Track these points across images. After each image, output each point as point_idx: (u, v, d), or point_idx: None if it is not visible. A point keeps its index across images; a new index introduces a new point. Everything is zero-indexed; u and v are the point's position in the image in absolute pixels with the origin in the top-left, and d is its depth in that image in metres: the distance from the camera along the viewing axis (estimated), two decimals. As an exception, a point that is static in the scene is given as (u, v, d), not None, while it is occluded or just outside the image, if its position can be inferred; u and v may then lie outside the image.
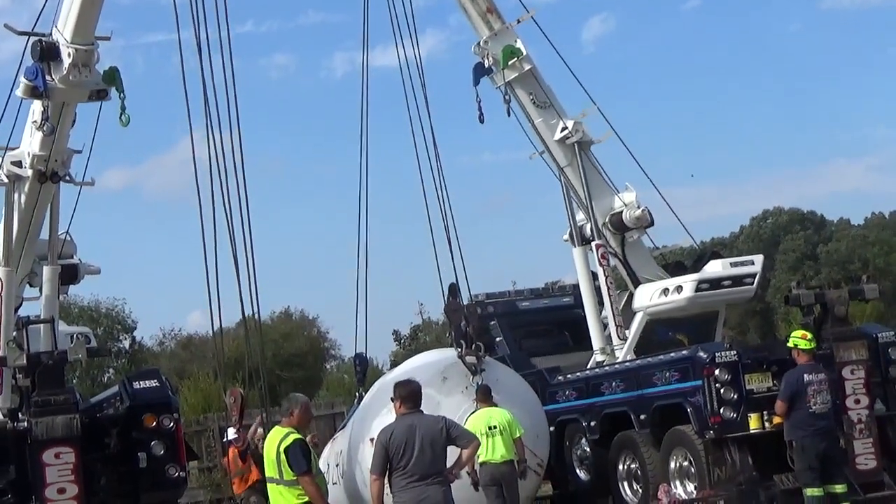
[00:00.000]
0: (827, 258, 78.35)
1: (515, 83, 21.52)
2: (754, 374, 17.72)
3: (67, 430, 16.27)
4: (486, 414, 17.19)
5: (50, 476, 16.11)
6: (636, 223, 21.53)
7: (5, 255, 18.93)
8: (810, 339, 16.49)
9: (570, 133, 21.55)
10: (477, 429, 16.68)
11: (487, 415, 17.17)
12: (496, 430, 16.94)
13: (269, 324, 59.53)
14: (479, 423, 16.96)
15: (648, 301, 21.12)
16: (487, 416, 17.14)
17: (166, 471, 17.34)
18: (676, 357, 18.66)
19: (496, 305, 24.36)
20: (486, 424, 16.94)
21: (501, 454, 16.92)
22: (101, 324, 62.60)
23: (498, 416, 17.16)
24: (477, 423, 16.94)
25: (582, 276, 22.19)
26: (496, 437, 16.91)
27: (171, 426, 17.56)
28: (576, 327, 23.61)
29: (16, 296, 19.33)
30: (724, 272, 20.94)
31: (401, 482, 11.74)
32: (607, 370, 20.53)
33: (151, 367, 48.56)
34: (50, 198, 18.91)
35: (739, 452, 17.52)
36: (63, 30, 17.30)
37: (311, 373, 65.63)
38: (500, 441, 16.91)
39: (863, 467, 17.55)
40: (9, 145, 18.78)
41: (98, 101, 17.89)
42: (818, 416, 15.95)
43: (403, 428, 11.85)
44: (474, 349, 18.12)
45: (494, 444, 16.88)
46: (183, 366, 57.21)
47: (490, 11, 21.48)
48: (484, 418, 17.08)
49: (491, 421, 17.03)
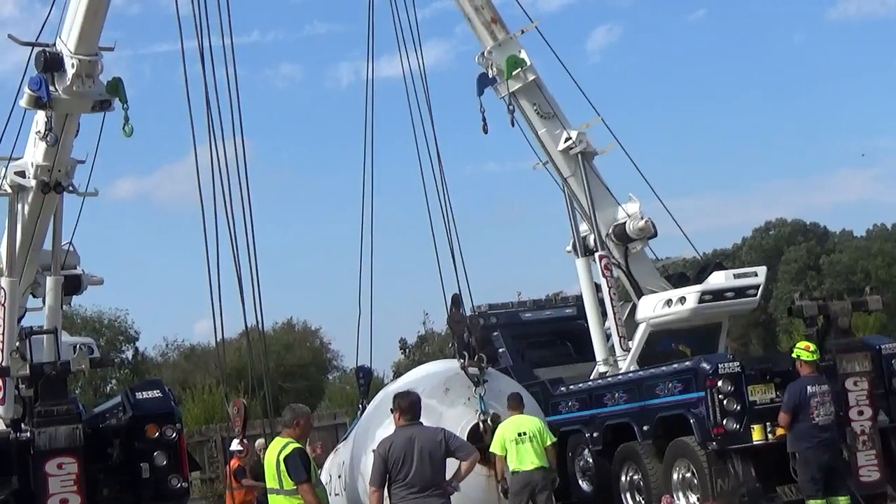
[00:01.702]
0: (830, 269, 78.33)
1: (519, 93, 21.52)
2: (757, 386, 17.69)
3: (70, 440, 16.30)
4: (516, 421, 17.04)
5: (52, 486, 16.14)
6: (639, 234, 21.51)
7: (8, 265, 18.94)
8: (814, 350, 16.46)
9: (573, 143, 21.55)
10: (507, 436, 16.72)
11: (517, 422, 17.02)
12: (526, 436, 16.78)
13: (272, 334, 59.54)
14: (510, 430, 16.86)
15: (652, 312, 21.11)
16: (518, 423, 17.00)
17: (169, 481, 17.38)
18: (679, 368, 18.64)
19: (499, 316, 24.38)
20: (516, 431, 16.82)
21: (532, 461, 16.71)
22: (104, 334, 62.65)
23: (528, 423, 17.03)
24: (507, 430, 16.86)
25: (585, 286, 22.18)
26: (526, 444, 16.74)
27: (173, 437, 17.59)
28: (578, 338, 23.60)
29: (19, 306, 19.33)
30: (728, 283, 20.93)
31: (400, 494, 11.73)
32: (610, 381, 20.52)
33: (154, 377, 48.67)
34: (53, 208, 18.92)
35: (742, 464, 17.50)
36: (67, 41, 17.32)
37: (314, 383, 65.69)
38: (531, 448, 16.73)
39: (866, 479, 17.51)
40: (12, 155, 18.79)
41: (101, 111, 17.90)
42: (821, 428, 15.92)
43: (403, 440, 11.84)
44: (477, 360, 18.07)
45: (524, 451, 16.70)
46: (185, 376, 57.24)
47: (494, 22, 21.49)
48: (514, 425, 16.94)
49: (521, 427, 16.89)
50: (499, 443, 16.82)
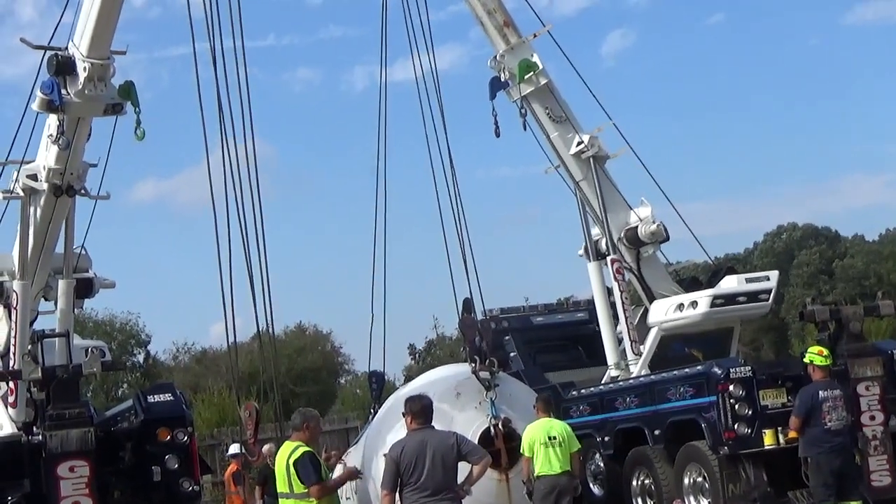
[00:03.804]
0: (842, 274, 78.18)
1: (531, 97, 21.53)
2: (769, 390, 17.64)
3: (82, 443, 16.31)
4: (546, 424, 16.95)
5: (64, 489, 16.15)
6: (651, 238, 21.50)
7: (21, 268, 18.98)
8: (826, 355, 16.39)
9: (585, 147, 21.55)
10: (536, 438, 16.65)
11: (548, 425, 16.94)
12: (556, 440, 16.71)
13: (283, 339, 59.61)
14: (539, 432, 16.79)
15: (663, 316, 21.09)
16: (548, 426, 16.92)
17: (180, 484, 17.39)
18: (691, 373, 18.60)
19: (510, 320, 24.38)
20: (546, 434, 16.73)
21: (560, 465, 16.67)
22: (116, 338, 62.77)
23: (558, 427, 16.97)
24: (536, 432, 16.80)
25: (597, 290, 22.18)
26: (556, 448, 16.66)
27: (185, 440, 17.60)
28: (590, 342, 23.59)
29: (31, 309, 19.37)
30: (740, 288, 20.92)
31: (412, 498, 11.72)
32: (621, 385, 20.50)
33: (165, 381, 48.72)
34: (65, 212, 18.95)
35: (754, 468, 17.46)
36: (79, 44, 17.35)
37: (325, 387, 65.72)
38: (560, 452, 16.65)
39: (878, 484, 17.45)
40: (24, 159, 18.83)
41: (113, 115, 17.91)
42: (833, 433, 15.86)
43: (415, 443, 11.84)
44: (488, 364, 18.06)
45: (553, 455, 16.62)
46: (197, 380, 57.34)
47: (507, 25, 21.50)
48: (544, 428, 16.86)
49: (551, 431, 16.81)
50: (527, 444, 16.78)
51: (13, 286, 19.03)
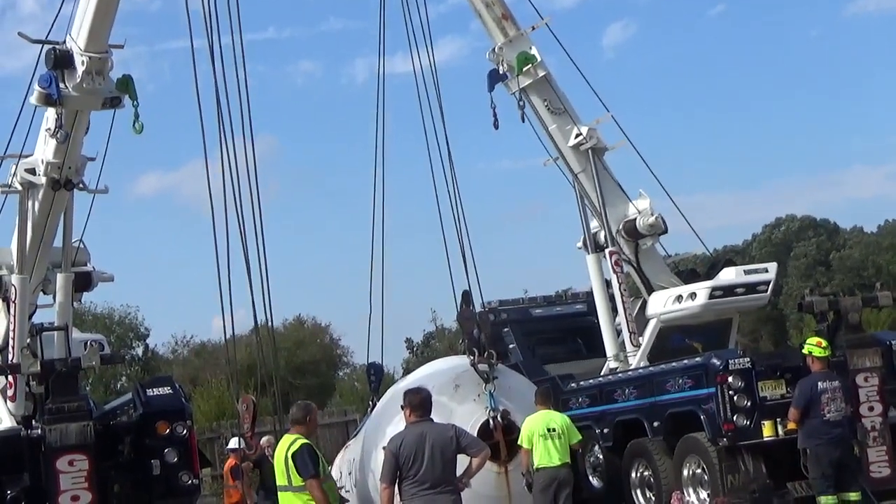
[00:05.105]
0: (840, 265, 78.17)
1: (530, 89, 21.51)
2: (768, 382, 17.67)
3: (81, 437, 16.33)
4: (545, 416, 16.99)
5: (64, 483, 16.17)
6: (650, 230, 21.50)
7: (19, 262, 18.99)
8: (825, 346, 16.40)
9: (584, 139, 21.54)
10: (535, 430, 16.68)
11: (547, 417, 16.98)
12: (555, 432, 16.75)
13: (282, 331, 59.53)
14: (539, 424, 16.82)
15: (662, 308, 21.10)
16: (547, 417, 16.96)
17: (179, 478, 17.42)
18: (690, 364, 18.61)
19: (509, 313, 24.36)
20: (546, 426, 16.77)
21: (559, 457, 16.71)
22: (115, 331, 62.76)
23: (558, 419, 17.02)
24: (536, 424, 16.83)
25: (596, 282, 22.17)
26: (555, 440, 16.69)
27: (184, 433, 17.63)
28: (589, 334, 23.60)
29: (30, 303, 19.38)
30: (738, 279, 20.91)
31: (411, 490, 11.72)
32: (620, 377, 20.52)
33: (164, 374, 48.71)
34: (63, 205, 18.97)
35: (753, 460, 17.49)
36: (77, 38, 17.35)
37: (324, 380, 65.67)
38: (559, 444, 16.70)
39: (877, 475, 17.48)
40: (22, 153, 18.84)
41: (111, 108, 17.93)
42: (832, 424, 15.86)
43: (414, 436, 11.83)
44: (487, 357, 18.06)
45: (552, 447, 16.66)
46: (196, 373, 57.29)
47: (505, 18, 21.49)
48: (544, 420, 16.90)
49: (551, 423, 16.85)
50: (526, 436, 16.81)
51: (12, 280, 19.04)
